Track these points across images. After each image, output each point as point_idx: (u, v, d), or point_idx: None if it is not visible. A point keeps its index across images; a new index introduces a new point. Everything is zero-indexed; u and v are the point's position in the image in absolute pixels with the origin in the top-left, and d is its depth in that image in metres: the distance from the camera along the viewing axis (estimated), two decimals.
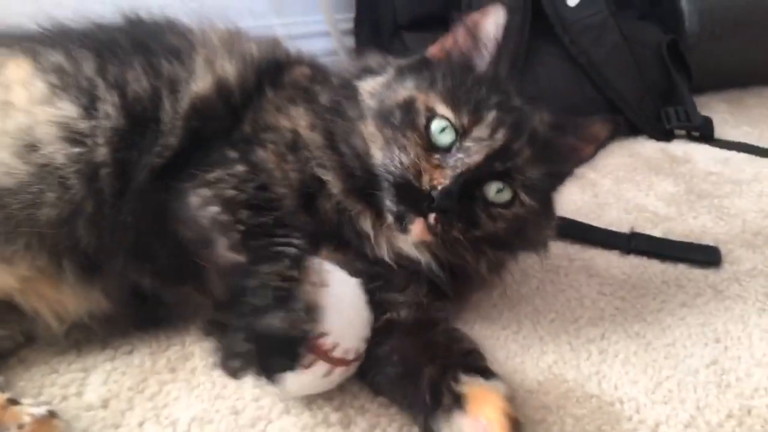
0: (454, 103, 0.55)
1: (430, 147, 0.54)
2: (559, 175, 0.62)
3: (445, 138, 0.54)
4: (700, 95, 1.38)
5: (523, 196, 0.56)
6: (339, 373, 0.50)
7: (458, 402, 0.48)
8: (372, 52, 0.66)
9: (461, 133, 0.54)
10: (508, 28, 0.97)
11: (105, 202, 0.54)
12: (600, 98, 1.14)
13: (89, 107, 0.55)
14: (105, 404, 0.52)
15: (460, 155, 0.53)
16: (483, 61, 0.59)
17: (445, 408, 0.48)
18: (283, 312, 0.45)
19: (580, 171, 0.63)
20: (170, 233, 0.53)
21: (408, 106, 0.55)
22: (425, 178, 0.53)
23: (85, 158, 0.54)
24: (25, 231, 0.53)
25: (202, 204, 0.52)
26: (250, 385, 0.55)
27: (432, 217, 0.53)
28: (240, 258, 0.48)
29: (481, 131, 0.54)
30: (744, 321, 0.67)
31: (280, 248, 0.49)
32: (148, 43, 0.62)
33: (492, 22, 0.58)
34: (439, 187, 0.52)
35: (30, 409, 0.46)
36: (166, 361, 0.57)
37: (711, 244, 0.79)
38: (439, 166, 0.53)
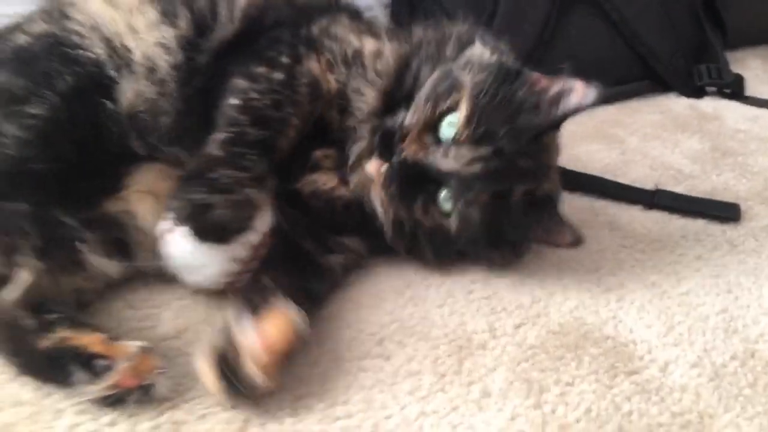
0: (475, 115, 0.59)
1: (431, 126, 0.61)
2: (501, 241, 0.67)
3: (446, 132, 0.61)
4: (735, 51, 1.39)
5: (454, 220, 0.62)
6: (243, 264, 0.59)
7: (258, 310, 0.54)
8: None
9: (458, 139, 0.60)
10: None
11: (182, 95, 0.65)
12: (631, 55, 1.16)
13: (174, 25, 0.66)
14: (178, 335, 0.60)
15: (439, 152, 0.60)
16: (541, 115, 0.62)
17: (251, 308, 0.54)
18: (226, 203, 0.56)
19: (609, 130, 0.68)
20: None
21: (453, 86, 0.62)
22: (402, 139, 0.62)
23: (178, 66, 0.65)
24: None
25: (235, 92, 0.62)
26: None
27: (384, 167, 0.62)
28: (220, 153, 0.59)
29: (470, 152, 0.59)
30: (756, 274, 0.72)
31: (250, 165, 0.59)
32: None
33: (576, 99, 0.60)
34: (406, 155, 0.61)
35: (133, 343, 0.52)
36: (228, 300, 0.65)
37: (731, 201, 0.83)
38: (423, 144, 0.61)
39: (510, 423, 0.52)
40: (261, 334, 0.51)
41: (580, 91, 0.60)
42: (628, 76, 1.18)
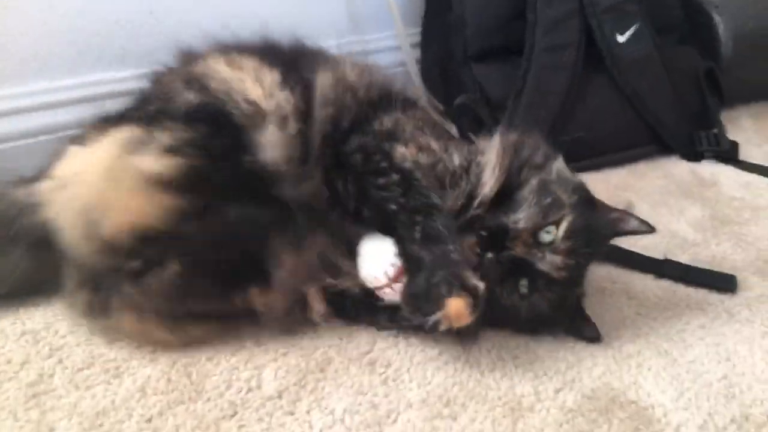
0: (571, 232, 0.76)
1: (533, 233, 0.76)
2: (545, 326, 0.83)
3: (546, 237, 0.76)
4: (731, 109, 1.54)
5: (527, 305, 0.77)
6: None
7: None
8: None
9: (552, 247, 0.75)
10: (563, 63, 1.19)
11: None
12: (640, 123, 1.30)
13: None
14: (280, 395, 0.72)
15: (539, 254, 0.75)
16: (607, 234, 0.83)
17: None
18: None
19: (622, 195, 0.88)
20: None
21: (556, 202, 0.77)
22: (514, 242, 0.75)
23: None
24: None
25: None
26: (379, 381, 0.75)
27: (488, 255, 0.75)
28: None
29: (560, 261, 0.76)
30: (750, 342, 0.85)
31: None
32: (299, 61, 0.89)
33: (633, 226, 0.83)
34: (515, 253, 0.75)
35: None
36: (315, 363, 0.77)
37: (729, 271, 0.97)
38: (528, 245, 0.75)
39: None
40: None
41: (636, 221, 0.82)
42: (637, 141, 1.31)
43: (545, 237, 0.76)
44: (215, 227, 0.73)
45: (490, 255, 0.75)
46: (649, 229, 0.82)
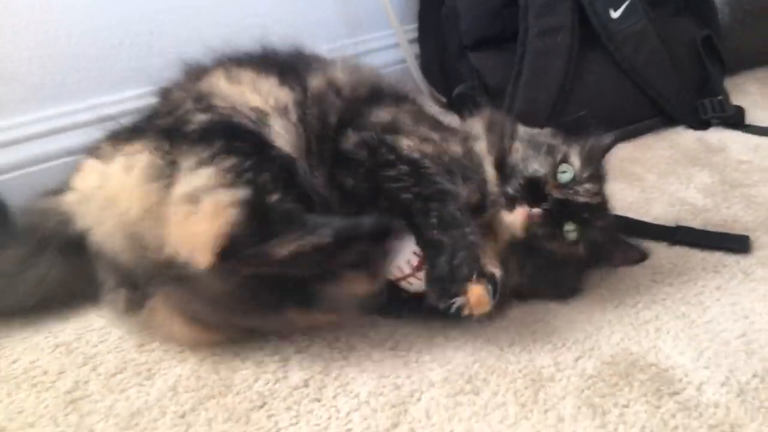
0: (583, 160, 0.82)
1: (553, 176, 0.80)
2: (600, 259, 0.87)
3: (565, 177, 0.80)
4: (735, 76, 1.54)
5: (582, 245, 0.81)
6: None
7: None
8: None
9: (577, 180, 0.80)
10: (558, 45, 1.21)
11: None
12: (642, 98, 1.30)
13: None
14: (306, 384, 0.74)
15: (571, 191, 0.79)
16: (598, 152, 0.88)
17: None
18: None
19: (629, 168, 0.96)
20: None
21: (552, 148, 0.82)
22: (548, 186, 0.79)
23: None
24: None
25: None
26: (402, 364, 0.77)
27: (536, 210, 0.78)
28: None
29: (591, 187, 0.80)
30: (766, 299, 0.85)
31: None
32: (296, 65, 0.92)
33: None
34: (555, 195, 0.79)
35: None
36: (338, 351, 0.79)
37: (741, 233, 0.97)
38: (557, 187, 0.80)
39: None
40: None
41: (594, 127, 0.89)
42: (641, 115, 1.32)
43: (564, 177, 0.80)
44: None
45: (538, 209, 0.78)
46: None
